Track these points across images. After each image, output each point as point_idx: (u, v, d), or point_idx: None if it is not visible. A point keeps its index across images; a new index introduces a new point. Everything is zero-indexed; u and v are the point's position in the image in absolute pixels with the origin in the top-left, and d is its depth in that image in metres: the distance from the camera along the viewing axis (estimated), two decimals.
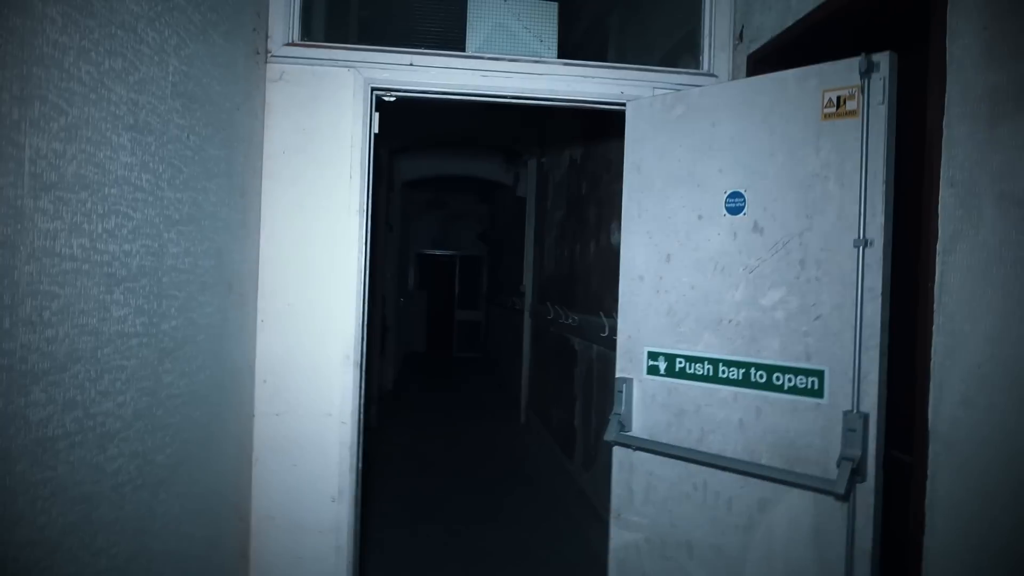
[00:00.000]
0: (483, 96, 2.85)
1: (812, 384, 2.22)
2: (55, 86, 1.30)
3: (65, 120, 1.34)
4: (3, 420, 1.18)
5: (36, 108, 1.24)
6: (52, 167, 1.30)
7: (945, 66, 1.74)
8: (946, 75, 1.72)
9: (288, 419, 2.73)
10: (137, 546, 1.72)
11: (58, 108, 1.31)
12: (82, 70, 1.39)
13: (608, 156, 4.77)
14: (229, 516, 2.48)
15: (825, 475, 2.15)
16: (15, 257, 1.19)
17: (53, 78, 1.30)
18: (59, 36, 1.31)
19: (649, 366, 2.64)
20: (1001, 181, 1.56)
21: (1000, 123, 1.57)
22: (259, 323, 2.71)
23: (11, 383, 1.19)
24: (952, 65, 1.72)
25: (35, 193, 1.24)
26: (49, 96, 1.28)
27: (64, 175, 1.34)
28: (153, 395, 1.78)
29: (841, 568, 2.13)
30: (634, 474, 2.68)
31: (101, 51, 1.46)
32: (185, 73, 1.92)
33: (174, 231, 1.87)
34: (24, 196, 1.21)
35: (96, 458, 1.50)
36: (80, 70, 1.39)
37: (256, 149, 2.64)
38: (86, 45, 1.40)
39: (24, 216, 1.22)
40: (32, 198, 1.24)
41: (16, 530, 1.22)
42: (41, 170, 1.26)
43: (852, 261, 2.13)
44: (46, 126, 1.27)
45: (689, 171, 2.56)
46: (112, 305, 1.55)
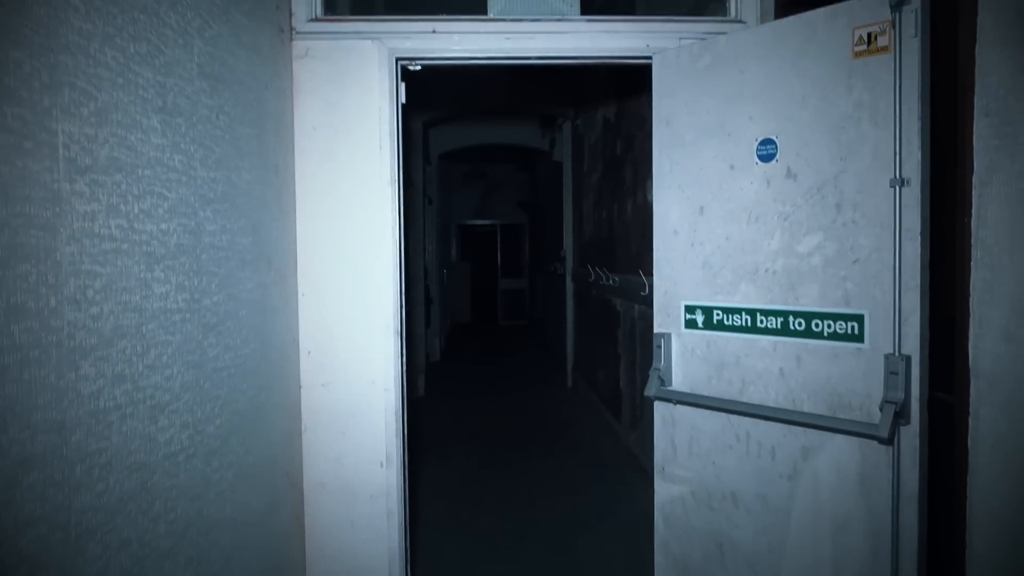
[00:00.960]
0: (507, 59, 2.84)
1: (852, 329, 2.20)
2: (83, 72, 1.34)
3: (95, 105, 1.38)
4: (57, 393, 1.24)
5: (66, 95, 1.29)
6: (85, 151, 1.34)
7: None
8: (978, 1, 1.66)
9: (334, 389, 2.80)
10: (194, 513, 1.80)
11: (87, 94, 1.35)
12: (108, 55, 1.43)
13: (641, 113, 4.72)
14: (282, 484, 2.57)
15: (868, 420, 2.14)
16: (56, 239, 1.25)
17: (80, 65, 1.34)
18: (83, 23, 1.35)
19: (687, 320, 2.63)
20: None
21: None
22: (300, 297, 2.78)
23: (61, 358, 1.25)
24: None
25: (71, 177, 1.29)
26: (78, 83, 1.33)
27: (98, 158, 1.38)
28: (199, 368, 1.85)
29: (887, 513, 2.12)
30: (676, 428, 2.69)
31: (125, 36, 1.50)
32: (210, 54, 1.95)
33: (209, 209, 1.93)
34: (60, 180, 1.26)
35: (148, 429, 1.57)
36: (106, 56, 1.43)
37: (287, 127, 2.68)
38: (110, 31, 1.44)
39: (62, 199, 1.27)
40: (68, 182, 1.29)
41: (76, 496, 1.29)
42: (75, 154, 1.31)
43: (889, 202, 2.09)
44: (76, 111, 1.32)
45: (719, 121, 2.52)
46: (153, 282, 1.60)
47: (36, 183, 1.19)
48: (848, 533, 2.23)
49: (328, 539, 2.85)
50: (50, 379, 1.22)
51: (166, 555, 1.64)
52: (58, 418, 1.24)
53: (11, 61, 1.14)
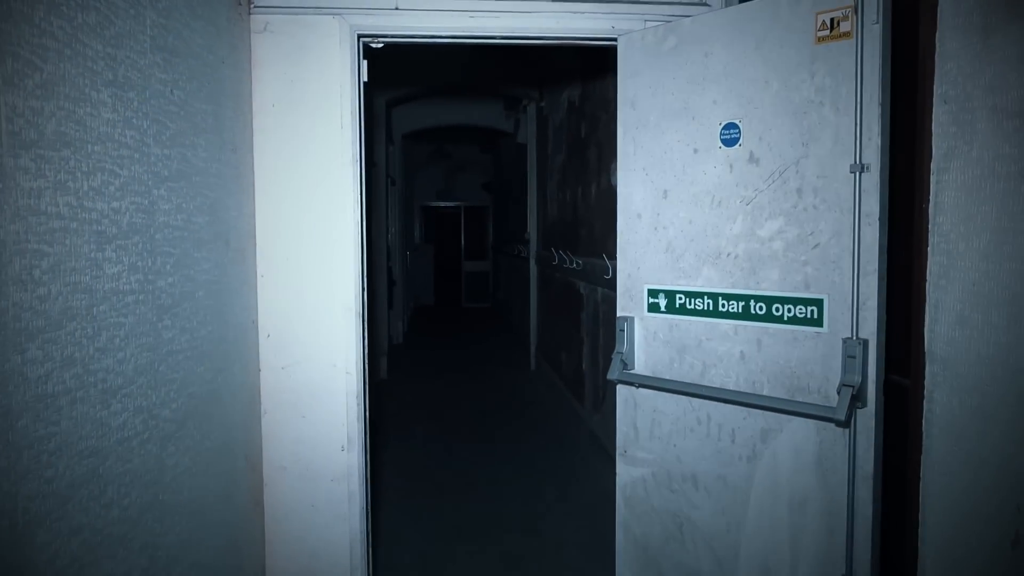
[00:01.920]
0: (471, 38, 2.80)
1: (812, 313, 2.22)
2: (27, 42, 1.28)
3: (40, 77, 1.32)
4: (2, 378, 1.19)
5: (8, 65, 1.23)
6: (30, 124, 1.29)
7: None
8: None
9: (294, 371, 2.76)
10: (149, 498, 1.76)
11: (31, 64, 1.29)
12: (54, 25, 1.37)
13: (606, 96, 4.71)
14: (241, 468, 2.53)
15: (826, 403, 2.17)
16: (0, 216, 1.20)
17: (24, 34, 1.28)
18: None
19: (650, 304, 2.64)
20: (994, 94, 1.53)
21: (993, 34, 1.53)
22: (259, 278, 2.73)
23: (5, 341, 1.21)
24: None
25: (14, 151, 1.24)
26: (21, 52, 1.27)
27: (44, 132, 1.33)
28: (154, 351, 1.80)
29: (843, 493, 2.17)
30: (638, 411, 2.71)
31: (72, 5, 1.44)
32: (164, 26, 1.89)
33: (164, 188, 1.87)
34: (3, 155, 1.21)
35: (99, 413, 1.52)
36: (52, 25, 1.37)
37: (245, 103, 2.62)
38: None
39: (5, 175, 1.21)
40: (12, 156, 1.23)
41: (23, 483, 1.25)
42: (19, 128, 1.25)
43: (849, 187, 2.11)
44: (20, 83, 1.26)
45: (683, 104, 2.52)
46: (104, 263, 1.55)
47: None
48: (805, 513, 2.27)
49: (289, 522, 2.82)
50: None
51: (119, 541, 1.61)
52: (3, 402, 1.20)
53: None
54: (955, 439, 1.71)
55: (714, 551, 2.52)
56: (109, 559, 1.55)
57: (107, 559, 1.54)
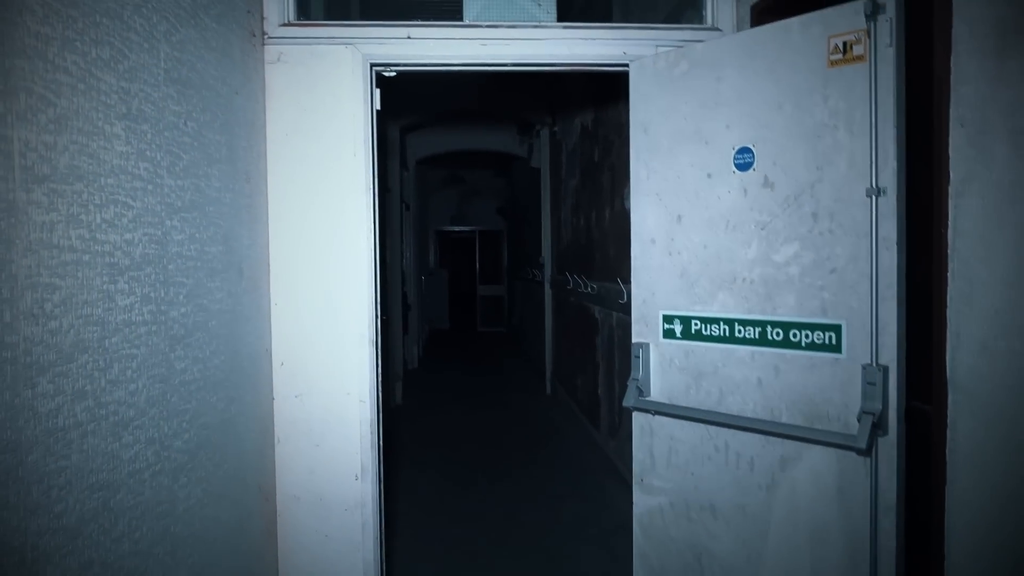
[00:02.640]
0: (483, 65, 2.81)
1: (830, 339, 2.19)
2: (40, 77, 1.30)
3: (54, 111, 1.33)
4: (11, 412, 1.19)
5: (22, 100, 1.24)
6: (43, 159, 1.30)
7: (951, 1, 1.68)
8: (952, 10, 1.66)
9: (308, 400, 2.75)
10: (160, 530, 1.75)
11: (45, 100, 1.31)
12: (68, 60, 1.39)
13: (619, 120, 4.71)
14: (254, 497, 2.51)
15: (846, 430, 2.13)
16: (11, 251, 1.20)
17: (38, 69, 1.29)
18: (40, 27, 1.30)
19: (665, 329, 2.62)
20: (1012, 117, 1.51)
21: (1009, 56, 1.51)
22: (273, 306, 2.73)
23: (16, 376, 1.20)
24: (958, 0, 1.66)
25: (27, 186, 1.24)
26: (35, 88, 1.28)
27: (57, 167, 1.34)
28: (166, 382, 1.80)
29: (866, 523, 2.11)
30: (655, 438, 2.67)
31: (87, 40, 1.45)
32: (177, 59, 1.90)
33: (177, 218, 1.88)
34: (16, 189, 1.22)
35: (111, 446, 1.51)
36: (66, 60, 1.38)
37: (259, 133, 2.64)
38: (70, 35, 1.39)
39: (17, 209, 1.22)
40: (24, 191, 1.24)
41: (33, 519, 1.24)
42: (32, 162, 1.26)
43: (865, 211, 2.09)
44: (33, 118, 1.27)
45: (696, 129, 2.51)
46: (117, 295, 1.55)
47: None
48: (826, 543, 2.22)
49: (302, 552, 2.79)
50: (4, 397, 1.17)
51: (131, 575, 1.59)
52: (12, 438, 1.19)
53: None
54: (981, 470, 1.66)
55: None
56: None
57: None
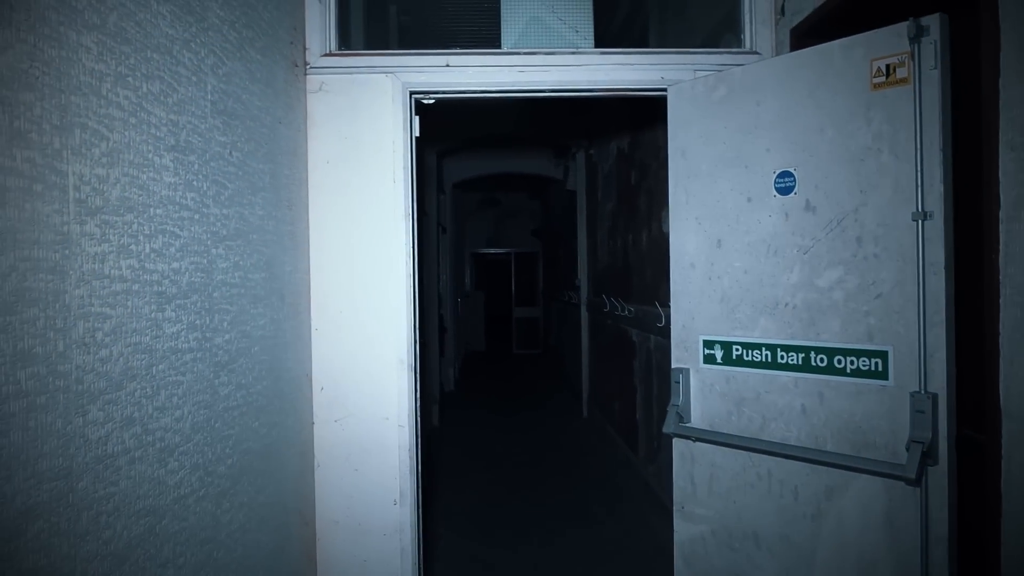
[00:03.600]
0: (521, 92, 2.84)
1: (876, 365, 2.14)
2: (94, 113, 1.34)
3: (107, 145, 1.37)
4: (63, 440, 1.22)
5: (77, 136, 1.28)
6: (96, 192, 1.33)
7: (999, 22, 1.65)
8: (1000, 32, 1.63)
9: (347, 425, 2.77)
10: (203, 556, 1.76)
11: (99, 134, 1.35)
12: (120, 95, 1.43)
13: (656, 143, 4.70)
14: (294, 522, 2.53)
15: (894, 459, 2.07)
16: (65, 282, 1.23)
17: (92, 105, 1.33)
18: (95, 64, 1.34)
19: (705, 355, 2.58)
20: None
21: None
22: (313, 332, 2.76)
23: (68, 404, 1.23)
24: (1005, 21, 1.63)
25: (81, 218, 1.28)
26: (89, 123, 1.32)
27: (109, 199, 1.37)
28: (210, 408, 1.82)
29: (916, 555, 2.05)
30: (696, 465, 2.63)
31: (138, 75, 1.50)
32: (224, 91, 1.95)
33: (222, 247, 1.91)
34: (70, 222, 1.25)
35: (157, 472, 1.54)
36: (119, 95, 1.42)
37: (300, 161, 2.68)
38: (123, 71, 1.44)
39: (71, 241, 1.25)
40: (78, 223, 1.27)
41: (82, 545, 1.26)
42: (86, 195, 1.30)
43: (912, 235, 2.05)
44: (87, 152, 1.31)
45: (736, 153, 2.50)
46: (164, 323, 1.58)
47: (45, 226, 1.18)
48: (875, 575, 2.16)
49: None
50: (57, 425, 1.20)
51: None
52: (64, 465, 1.22)
53: (21, 103, 1.13)
54: None
55: None
56: None
57: None
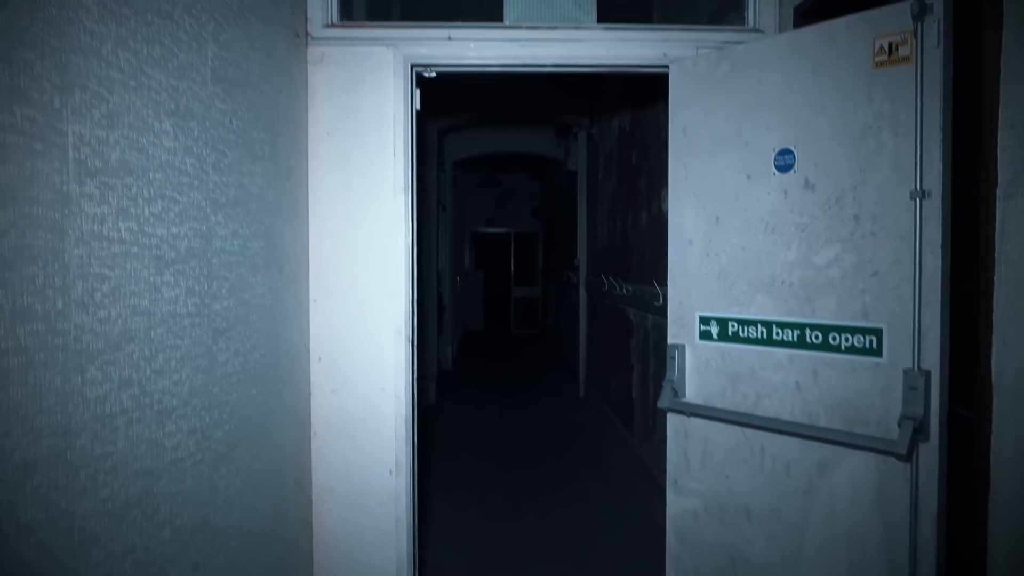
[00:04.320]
0: (522, 66, 2.83)
1: (870, 343, 2.16)
2: (94, 74, 1.33)
3: (106, 107, 1.37)
4: (61, 398, 1.23)
5: (77, 96, 1.28)
6: (96, 153, 1.33)
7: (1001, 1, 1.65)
8: (1003, 8, 1.63)
9: (344, 395, 2.79)
10: (200, 519, 1.78)
11: (99, 96, 1.35)
12: (121, 58, 1.43)
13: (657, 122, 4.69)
14: (290, 489, 2.55)
15: (886, 436, 2.09)
16: (64, 241, 1.24)
17: (92, 66, 1.33)
18: (95, 25, 1.34)
19: (701, 331, 2.60)
20: None
21: None
22: (312, 303, 2.77)
23: (67, 362, 1.24)
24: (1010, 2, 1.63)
25: (80, 179, 1.28)
26: (89, 84, 1.32)
27: (108, 161, 1.38)
28: (208, 373, 1.84)
29: (905, 530, 2.08)
30: (689, 441, 2.66)
31: (139, 39, 1.50)
32: (224, 58, 1.95)
33: (221, 214, 1.92)
34: (70, 182, 1.25)
35: (154, 434, 1.55)
36: (119, 58, 1.42)
37: (301, 131, 2.68)
38: (123, 33, 1.43)
39: (71, 201, 1.26)
40: (78, 184, 1.28)
41: (80, 502, 1.28)
42: (85, 156, 1.30)
43: (909, 214, 2.05)
44: (88, 113, 1.31)
45: (736, 130, 2.49)
46: (163, 286, 1.59)
47: (45, 185, 1.18)
48: (864, 550, 2.19)
49: (336, 546, 2.83)
50: (55, 383, 1.21)
51: (171, 561, 1.63)
52: (63, 422, 1.23)
53: (22, 61, 1.13)
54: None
55: None
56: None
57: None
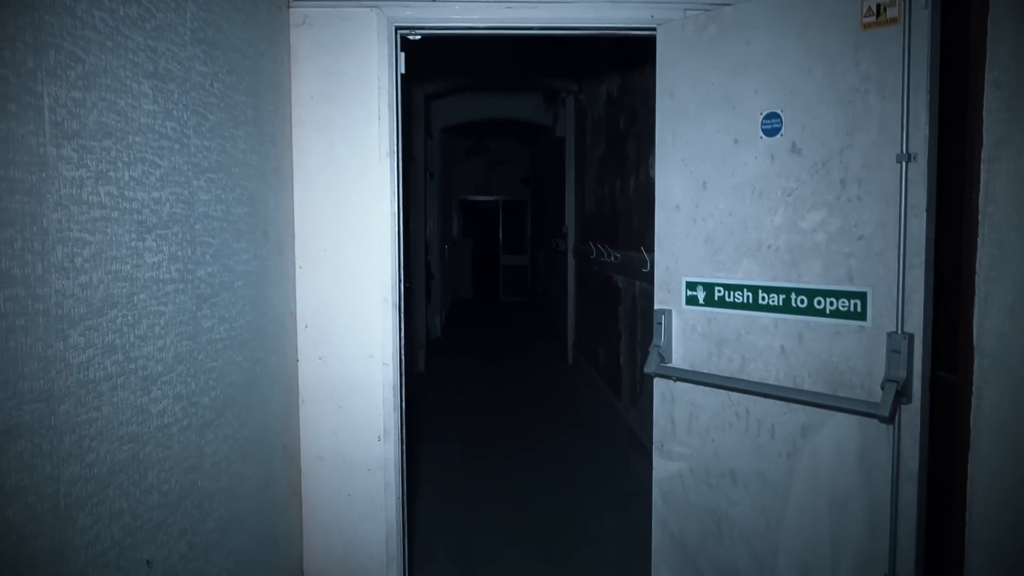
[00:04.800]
0: (509, 29, 2.79)
1: (855, 306, 2.17)
2: (69, 34, 1.31)
3: (82, 68, 1.34)
4: (44, 363, 1.22)
5: (52, 56, 1.25)
6: (73, 115, 1.31)
7: None
8: None
9: (331, 362, 2.79)
10: (188, 484, 1.79)
11: (74, 56, 1.32)
12: (96, 17, 1.40)
13: (645, 87, 4.65)
14: (279, 456, 2.56)
15: (869, 398, 2.12)
16: (42, 205, 1.22)
17: (67, 26, 1.30)
18: None
19: (688, 296, 2.61)
20: None
21: None
22: (297, 269, 2.75)
23: (48, 327, 1.23)
24: None
25: (57, 141, 1.26)
26: (64, 44, 1.29)
27: (86, 123, 1.35)
28: (193, 339, 1.83)
29: (887, 491, 2.11)
30: (676, 405, 2.68)
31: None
32: (204, 19, 1.91)
33: (203, 178, 1.89)
34: (46, 144, 1.23)
35: (140, 400, 1.55)
36: (94, 17, 1.39)
37: (284, 96, 2.64)
38: None
39: (48, 164, 1.24)
40: (55, 146, 1.26)
41: (65, 467, 1.28)
42: (62, 118, 1.28)
43: (895, 177, 2.05)
44: (63, 74, 1.28)
45: (724, 94, 2.48)
46: (145, 252, 1.58)
47: (20, 146, 1.16)
48: (847, 511, 2.22)
49: (325, 512, 2.85)
50: (37, 348, 1.20)
51: (159, 526, 1.64)
52: (46, 388, 1.23)
53: None
54: (1005, 438, 1.65)
55: (752, 549, 2.48)
56: (149, 543, 1.58)
57: (147, 543, 1.57)
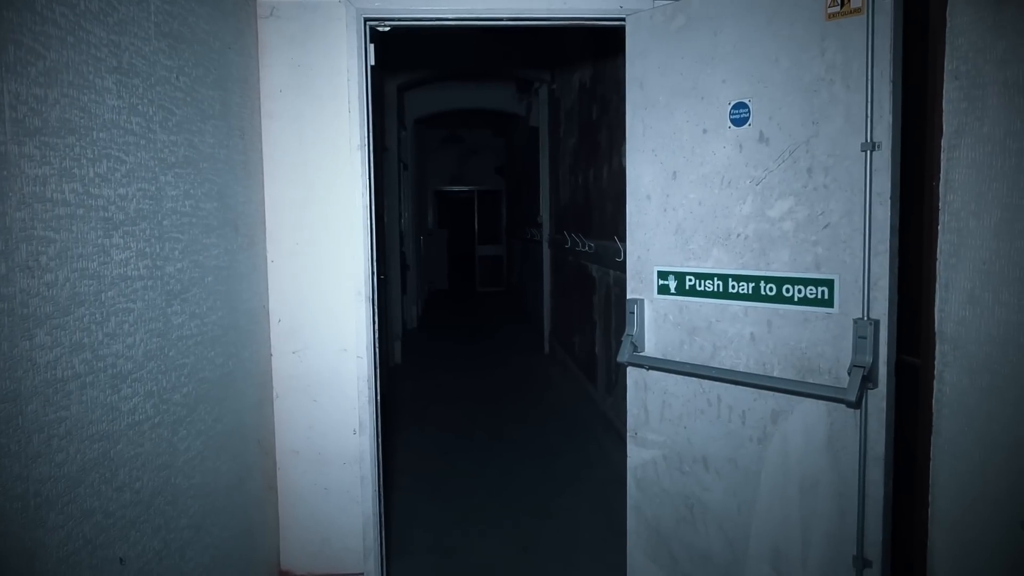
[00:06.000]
0: (478, 19, 2.78)
1: (822, 294, 2.20)
2: (28, 29, 1.29)
3: (43, 64, 1.33)
4: (10, 363, 1.21)
5: (11, 52, 1.24)
6: (34, 112, 1.29)
7: None
8: None
9: (305, 356, 2.78)
10: (161, 481, 1.78)
11: (34, 52, 1.30)
12: (57, 12, 1.38)
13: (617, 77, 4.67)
14: (254, 452, 2.55)
15: (837, 384, 2.15)
16: (5, 203, 1.21)
17: (26, 21, 1.28)
18: None
19: (659, 285, 2.63)
20: (1006, 68, 1.50)
21: (1005, 7, 1.50)
22: (269, 263, 2.74)
23: (13, 327, 1.22)
24: None
25: (18, 139, 1.25)
26: (24, 40, 1.27)
27: (48, 120, 1.34)
28: (164, 336, 1.82)
29: (855, 474, 2.15)
30: (649, 393, 2.71)
31: None
32: (168, 12, 1.89)
33: (171, 174, 1.88)
34: (7, 142, 1.22)
35: (110, 398, 1.54)
36: (55, 12, 1.37)
37: (252, 89, 2.62)
38: None
39: (10, 162, 1.22)
40: (16, 144, 1.24)
41: (34, 467, 1.27)
42: (23, 115, 1.26)
43: (860, 166, 2.09)
44: (23, 70, 1.27)
45: (692, 84, 2.50)
46: (112, 249, 1.56)
47: None
48: (816, 494, 2.27)
49: (302, 505, 2.85)
50: (2, 348, 1.19)
51: (132, 524, 1.63)
52: (12, 388, 1.21)
53: None
54: (965, 419, 1.69)
55: (725, 532, 2.52)
56: (121, 541, 1.58)
57: (119, 541, 1.57)
